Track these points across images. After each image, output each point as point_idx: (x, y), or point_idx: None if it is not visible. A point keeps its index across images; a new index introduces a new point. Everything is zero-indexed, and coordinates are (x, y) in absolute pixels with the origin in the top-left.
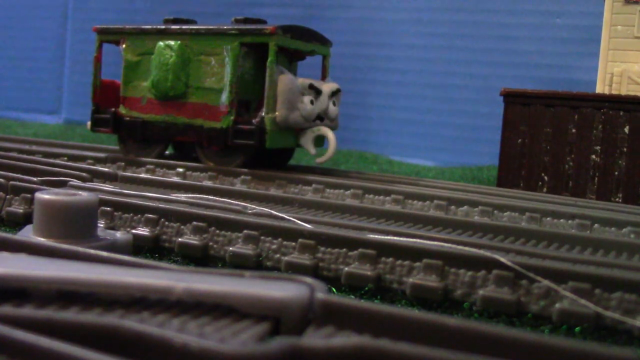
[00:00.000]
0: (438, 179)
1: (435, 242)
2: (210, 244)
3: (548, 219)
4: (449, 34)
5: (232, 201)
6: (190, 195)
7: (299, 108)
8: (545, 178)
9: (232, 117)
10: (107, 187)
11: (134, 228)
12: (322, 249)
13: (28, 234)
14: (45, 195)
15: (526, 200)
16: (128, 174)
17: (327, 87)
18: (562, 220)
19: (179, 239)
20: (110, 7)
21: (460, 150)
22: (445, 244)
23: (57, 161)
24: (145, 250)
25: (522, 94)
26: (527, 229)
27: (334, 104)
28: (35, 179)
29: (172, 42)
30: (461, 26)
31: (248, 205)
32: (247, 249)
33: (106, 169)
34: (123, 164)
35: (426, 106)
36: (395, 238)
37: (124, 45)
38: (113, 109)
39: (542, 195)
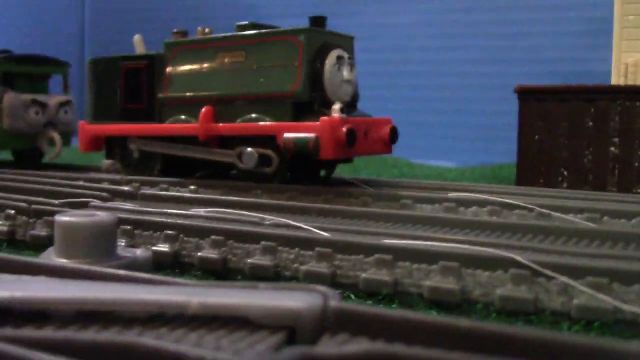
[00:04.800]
0: (459, 179)
1: (451, 244)
2: (229, 256)
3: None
4: (460, 34)
5: (250, 213)
6: (208, 209)
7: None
8: (565, 173)
9: None
10: (127, 205)
11: (154, 245)
12: (339, 256)
13: (49, 256)
14: (63, 218)
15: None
16: (148, 191)
17: (54, 100)
18: (570, 215)
19: (198, 254)
20: (125, 29)
21: (479, 149)
22: (461, 246)
23: (78, 182)
24: (165, 267)
25: (536, 90)
26: (542, 226)
27: (66, 112)
28: (56, 201)
29: None
30: (472, 26)
31: (266, 216)
32: (266, 260)
33: (126, 188)
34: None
35: (443, 107)
36: (410, 242)
37: None
38: None
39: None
